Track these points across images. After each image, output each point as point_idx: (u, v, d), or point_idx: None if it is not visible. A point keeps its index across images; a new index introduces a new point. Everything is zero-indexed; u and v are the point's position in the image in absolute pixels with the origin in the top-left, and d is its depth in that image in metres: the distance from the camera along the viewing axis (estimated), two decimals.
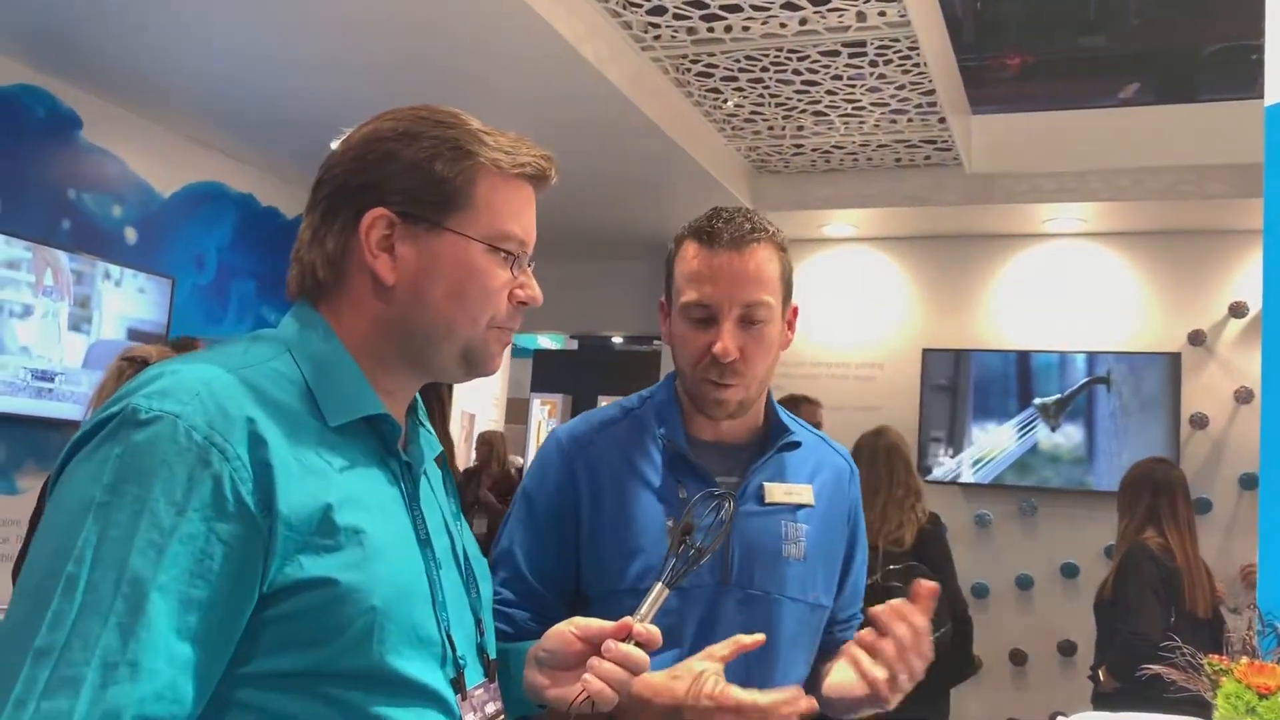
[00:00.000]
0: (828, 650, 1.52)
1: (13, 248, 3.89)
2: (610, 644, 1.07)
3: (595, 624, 1.11)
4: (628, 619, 1.09)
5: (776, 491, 1.45)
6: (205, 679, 0.85)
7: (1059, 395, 5.34)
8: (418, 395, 1.11)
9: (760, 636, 1.24)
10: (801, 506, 1.47)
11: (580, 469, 1.45)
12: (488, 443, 6.43)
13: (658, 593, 1.13)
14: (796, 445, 1.50)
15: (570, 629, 1.11)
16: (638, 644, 1.08)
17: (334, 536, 0.90)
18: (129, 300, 4.38)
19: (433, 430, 1.12)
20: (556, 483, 1.46)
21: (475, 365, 1.07)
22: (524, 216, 1.08)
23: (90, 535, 0.82)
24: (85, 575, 0.81)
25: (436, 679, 0.97)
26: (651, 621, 1.10)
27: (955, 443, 5.50)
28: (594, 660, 1.07)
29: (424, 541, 1.01)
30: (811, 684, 1.49)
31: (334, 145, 1.07)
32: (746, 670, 1.31)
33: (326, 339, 1.01)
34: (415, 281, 1.01)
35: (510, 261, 1.06)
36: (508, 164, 1.05)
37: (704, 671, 1.20)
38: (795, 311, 1.50)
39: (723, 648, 1.23)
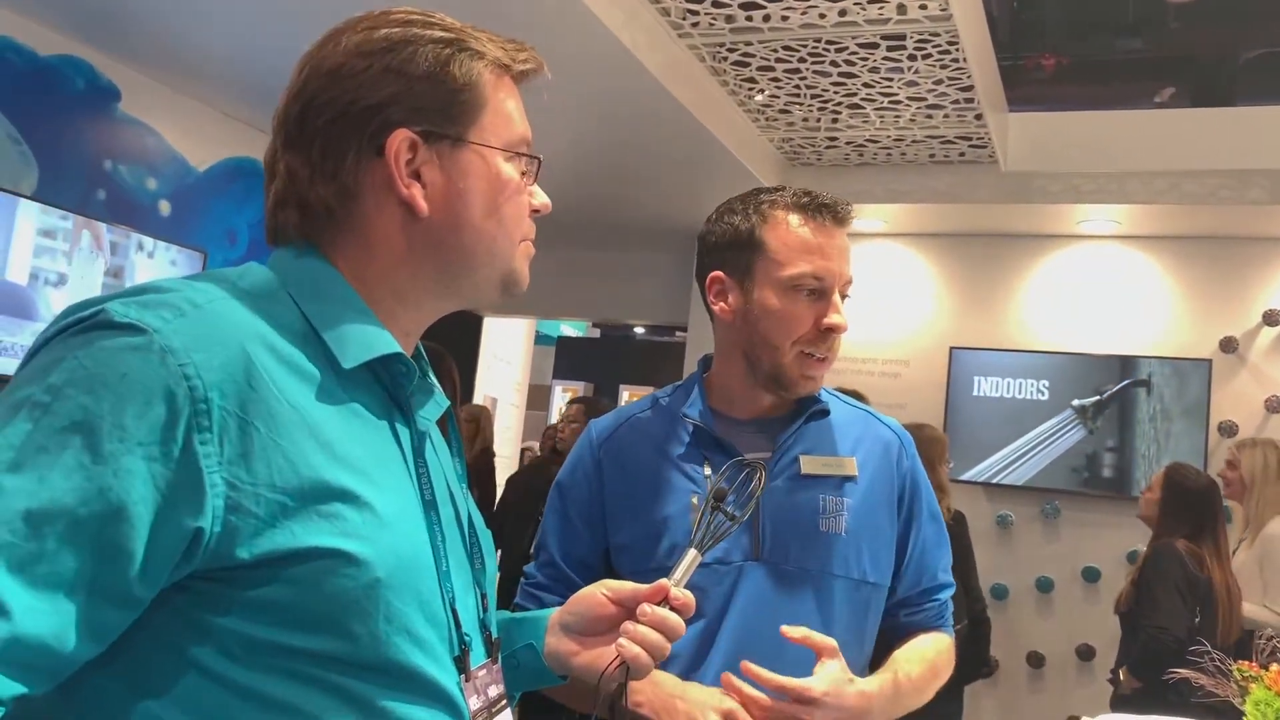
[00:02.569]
0: (895, 634, 1.49)
1: (49, 216, 3.93)
2: (646, 607, 1.02)
3: (629, 586, 1.05)
4: (663, 581, 1.05)
5: (814, 464, 1.43)
6: (88, 637, 0.74)
7: (1098, 398, 5.30)
8: (420, 345, 1.01)
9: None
10: (845, 479, 1.44)
11: (605, 457, 1.49)
12: (474, 420, 6.02)
13: (691, 558, 1.09)
14: (825, 413, 1.48)
15: (603, 591, 1.06)
16: (672, 608, 1.03)
17: (330, 500, 0.80)
18: (161, 272, 4.41)
19: (438, 383, 1.01)
20: (583, 472, 1.51)
21: (512, 284, 0.98)
22: (523, 115, 0.98)
23: (14, 434, 0.72)
24: None
25: (441, 659, 0.88)
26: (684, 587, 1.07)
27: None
28: (628, 625, 1.01)
29: (429, 506, 0.91)
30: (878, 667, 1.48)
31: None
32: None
33: (330, 276, 0.90)
34: (450, 207, 0.92)
35: (531, 167, 0.97)
36: (510, 61, 0.96)
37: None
38: None
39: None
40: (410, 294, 0.94)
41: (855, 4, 3.54)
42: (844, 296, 1.44)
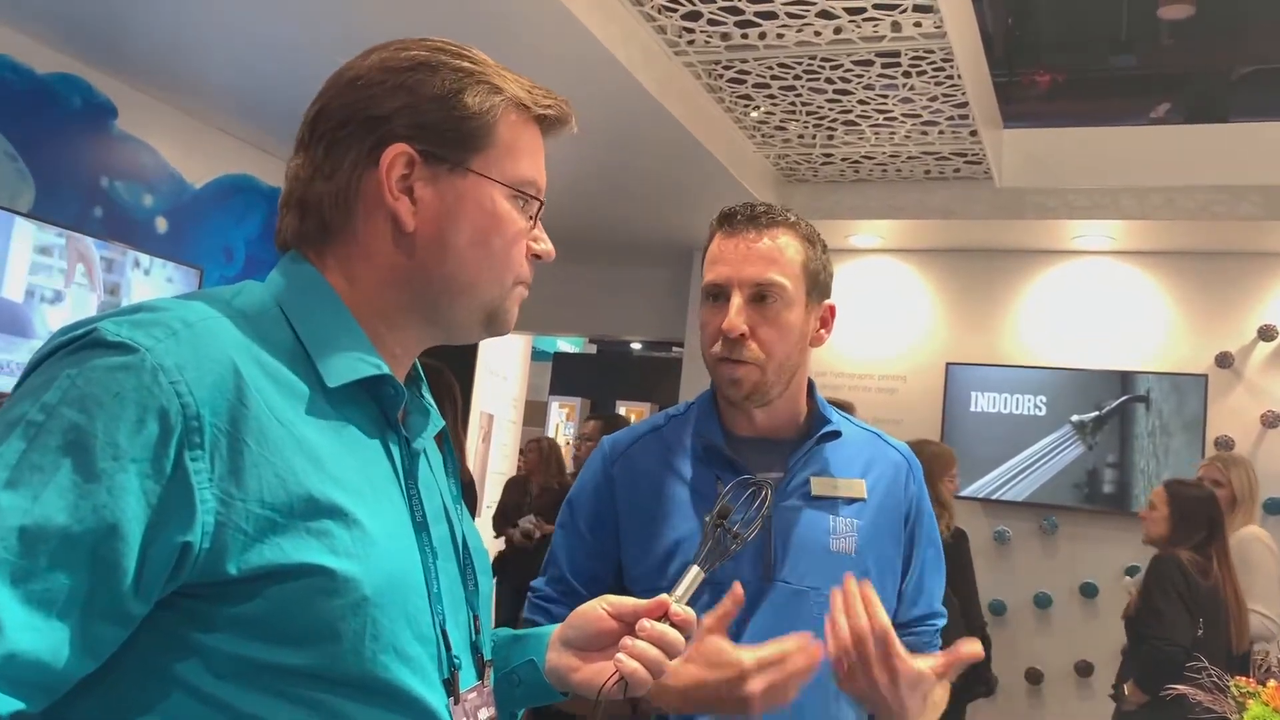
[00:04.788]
0: None
1: (45, 234, 3.93)
2: (646, 623, 1.01)
3: (629, 602, 1.04)
4: (663, 596, 1.03)
5: (823, 485, 1.43)
6: (84, 653, 0.74)
7: (1097, 413, 5.30)
8: (418, 364, 1.01)
9: (738, 593, 1.21)
10: (852, 500, 1.44)
11: (617, 473, 1.49)
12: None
13: (693, 576, 1.08)
14: (836, 435, 1.48)
15: (603, 606, 1.05)
16: (673, 624, 1.02)
17: (319, 518, 0.80)
18: (157, 289, 4.41)
19: (434, 404, 1.01)
20: (594, 487, 1.51)
21: (496, 324, 0.98)
22: (540, 162, 0.99)
23: (8, 453, 0.73)
24: None
25: (430, 679, 0.87)
26: (687, 604, 1.06)
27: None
28: (627, 640, 1.00)
29: (420, 526, 0.90)
30: None
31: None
32: None
33: (323, 293, 0.91)
34: (437, 227, 0.92)
35: (533, 209, 0.98)
36: (531, 103, 0.97)
37: (719, 648, 1.20)
38: (832, 311, 1.51)
39: (711, 619, 1.21)
40: (395, 316, 0.94)
41: (850, 21, 3.56)
42: (763, 299, 1.41)
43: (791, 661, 1.18)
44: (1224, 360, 5.21)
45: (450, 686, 0.90)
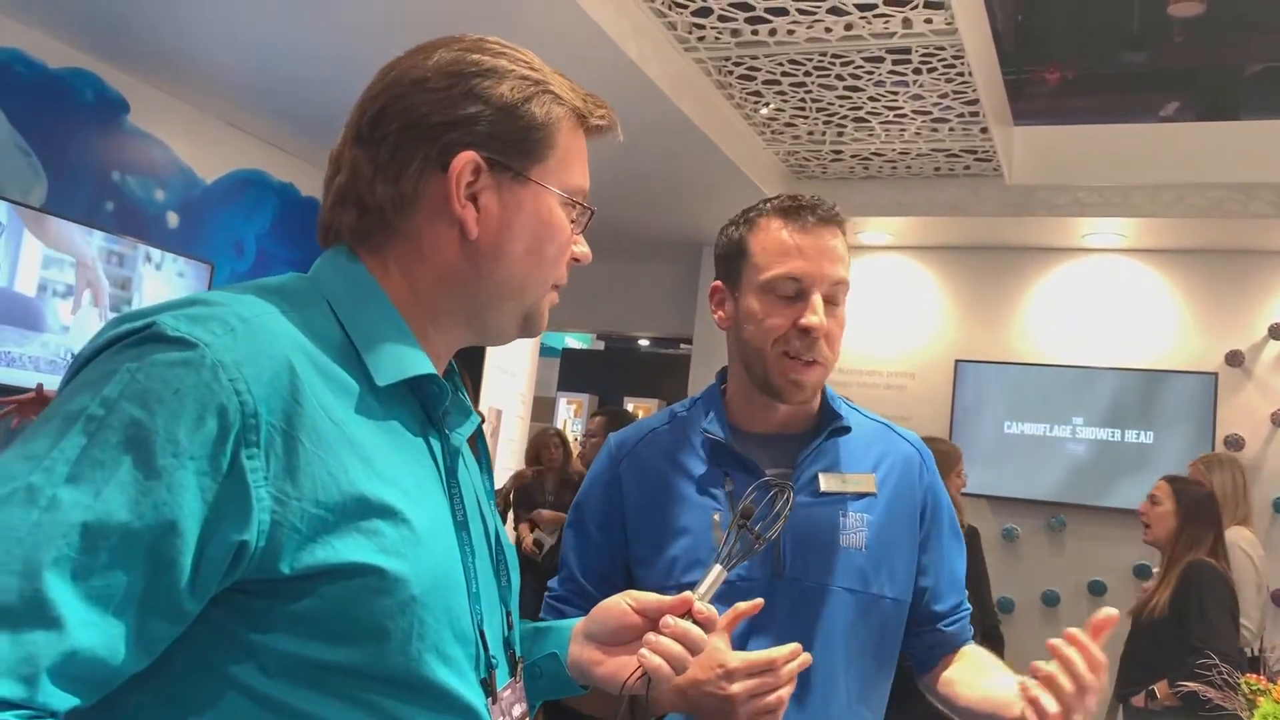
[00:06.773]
0: (939, 647, 1.48)
1: (59, 230, 3.94)
2: (669, 619, 1.02)
3: (653, 598, 1.05)
4: (688, 594, 1.04)
5: (832, 481, 1.42)
6: (138, 650, 0.74)
7: (1094, 411, 5.29)
8: (453, 362, 1.02)
9: (759, 601, 1.22)
10: (862, 495, 1.43)
11: (625, 472, 1.48)
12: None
13: (716, 574, 1.09)
14: (846, 430, 1.46)
15: (627, 601, 1.06)
16: (695, 622, 1.02)
17: (370, 517, 0.80)
18: (168, 284, 4.43)
19: (470, 401, 1.01)
20: (603, 487, 1.50)
21: (530, 326, 1.00)
22: (587, 168, 1.01)
23: (69, 448, 0.72)
24: (50, 492, 0.71)
25: (468, 679, 0.88)
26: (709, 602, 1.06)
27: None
28: (651, 636, 1.01)
29: (461, 525, 0.91)
30: (917, 684, 1.49)
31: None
32: (811, 666, 1.30)
33: (372, 291, 0.91)
34: (497, 235, 0.93)
35: (581, 215, 0.99)
36: (587, 113, 0.98)
37: (714, 647, 1.20)
38: None
39: (723, 619, 1.21)
40: (443, 317, 0.95)
41: (861, 18, 3.55)
42: (834, 300, 1.41)
43: (778, 672, 1.17)
44: (1234, 359, 5.19)
45: (488, 686, 0.91)
